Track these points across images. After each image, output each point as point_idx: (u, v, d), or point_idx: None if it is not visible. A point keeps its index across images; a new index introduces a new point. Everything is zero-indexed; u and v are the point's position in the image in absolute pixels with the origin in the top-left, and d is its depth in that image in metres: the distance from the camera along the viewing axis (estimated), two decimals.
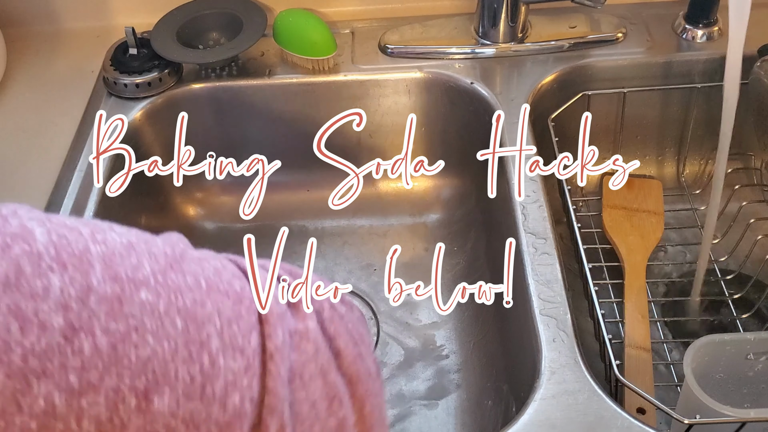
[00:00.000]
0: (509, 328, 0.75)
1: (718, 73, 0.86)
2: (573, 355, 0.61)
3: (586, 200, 0.91)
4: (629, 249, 0.82)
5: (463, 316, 0.83)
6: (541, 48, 0.87)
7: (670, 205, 0.89)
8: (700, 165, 0.93)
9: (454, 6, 0.92)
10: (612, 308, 0.79)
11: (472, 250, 0.88)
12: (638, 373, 0.71)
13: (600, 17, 0.89)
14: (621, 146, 0.91)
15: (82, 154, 0.79)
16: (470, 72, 0.86)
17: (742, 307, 0.79)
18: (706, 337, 0.60)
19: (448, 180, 0.94)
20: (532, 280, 0.66)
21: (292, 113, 0.88)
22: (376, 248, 0.90)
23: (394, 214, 0.93)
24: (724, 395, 0.61)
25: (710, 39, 0.87)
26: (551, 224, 0.70)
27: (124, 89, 0.84)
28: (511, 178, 0.75)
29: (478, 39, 0.88)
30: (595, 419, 0.57)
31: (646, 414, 0.67)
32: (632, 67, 0.86)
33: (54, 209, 0.74)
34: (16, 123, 0.83)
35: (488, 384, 0.77)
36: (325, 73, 0.86)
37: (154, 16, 0.88)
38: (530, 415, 0.58)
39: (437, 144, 0.92)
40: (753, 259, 0.81)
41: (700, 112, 0.88)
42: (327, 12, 0.92)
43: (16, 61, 0.90)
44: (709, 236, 0.74)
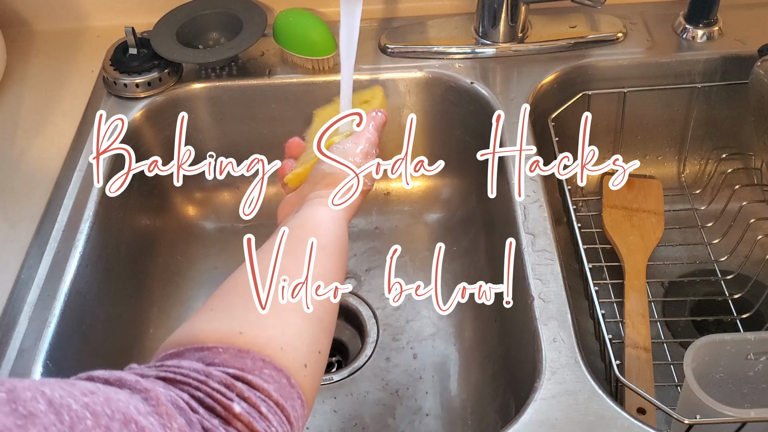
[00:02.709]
0: (509, 328, 0.74)
1: (718, 73, 0.86)
2: (573, 355, 0.61)
3: (586, 200, 0.91)
4: (629, 249, 0.82)
5: (463, 316, 0.83)
6: (541, 48, 0.87)
7: (670, 205, 0.89)
8: (700, 165, 0.93)
9: (454, 6, 0.92)
10: (612, 308, 0.79)
11: (472, 250, 0.88)
12: (638, 373, 0.71)
13: (600, 17, 0.89)
14: (621, 146, 0.91)
15: (82, 154, 0.79)
16: (470, 72, 0.86)
17: (742, 307, 0.79)
18: (706, 337, 0.60)
19: (448, 180, 0.94)
20: (532, 280, 0.66)
21: (292, 113, 0.88)
22: (376, 248, 0.90)
23: (394, 214, 0.93)
24: (724, 395, 0.61)
25: (710, 39, 0.87)
26: (551, 224, 0.70)
27: (124, 89, 0.84)
28: (511, 178, 0.75)
29: (478, 39, 0.88)
30: (595, 419, 0.57)
31: (646, 414, 0.67)
32: (632, 67, 0.86)
33: (54, 209, 0.74)
34: (16, 123, 0.83)
35: (488, 384, 0.77)
36: (325, 73, 0.86)
37: (154, 16, 0.87)
38: (530, 415, 0.58)
39: (437, 144, 0.92)
40: (753, 260, 0.81)
41: (700, 112, 0.88)
42: (327, 12, 0.92)
43: (16, 61, 0.90)
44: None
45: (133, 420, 0.33)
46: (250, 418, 0.39)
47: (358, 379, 0.79)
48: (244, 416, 0.39)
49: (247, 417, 0.39)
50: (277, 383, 0.43)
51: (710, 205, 0.89)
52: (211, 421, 0.38)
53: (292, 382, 0.44)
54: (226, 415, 0.39)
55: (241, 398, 0.40)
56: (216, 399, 0.39)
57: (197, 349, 0.43)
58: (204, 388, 0.39)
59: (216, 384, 0.40)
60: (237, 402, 0.39)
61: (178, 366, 0.41)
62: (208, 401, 0.39)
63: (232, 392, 0.40)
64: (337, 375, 0.80)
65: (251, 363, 0.42)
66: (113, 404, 0.33)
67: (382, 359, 0.81)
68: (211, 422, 0.38)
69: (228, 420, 0.39)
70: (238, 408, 0.39)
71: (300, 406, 0.44)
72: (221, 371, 0.41)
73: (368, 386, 0.79)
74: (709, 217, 0.88)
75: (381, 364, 0.80)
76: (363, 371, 0.80)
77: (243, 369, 0.42)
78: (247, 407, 0.40)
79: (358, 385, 0.79)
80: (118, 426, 0.32)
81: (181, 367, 0.41)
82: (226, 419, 0.39)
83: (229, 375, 0.41)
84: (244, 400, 0.40)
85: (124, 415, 0.33)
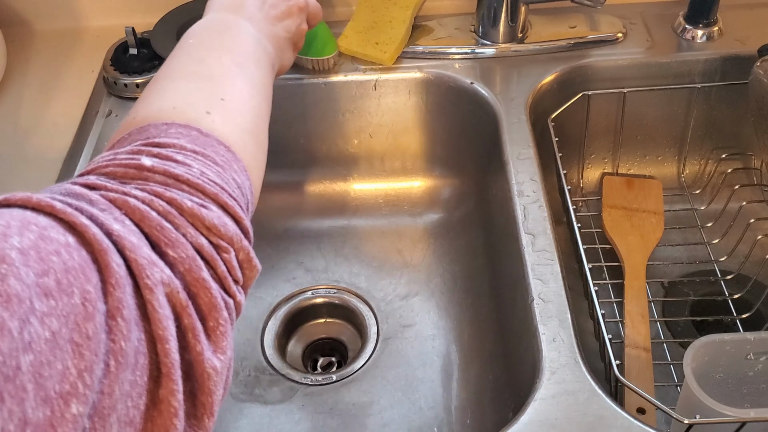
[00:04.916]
0: (509, 328, 0.75)
1: (718, 73, 0.86)
2: (573, 355, 0.61)
3: (586, 200, 0.91)
4: (629, 249, 0.82)
5: (463, 316, 0.83)
6: (541, 48, 0.87)
7: (670, 205, 0.89)
8: (700, 165, 0.93)
9: (454, 6, 0.92)
10: (612, 308, 0.79)
11: (472, 250, 0.88)
12: (638, 373, 0.71)
13: (600, 17, 0.89)
14: (621, 146, 0.91)
15: (82, 154, 0.79)
16: (470, 72, 0.86)
17: (742, 307, 0.79)
18: (706, 337, 0.60)
19: (448, 180, 0.94)
20: (532, 280, 0.66)
21: (292, 113, 0.88)
22: (376, 248, 0.90)
23: (394, 214, 0.93)
24: (724, 395, 0.61)
25: (710, 39, 0.87)
26: (551, 224, 0.70)
27: (124, 89, 0.84)
28: (512, 178, 0.75)
29: (478, 39, 0.88)
30: (595, 419, 0.57)
31: (646, 414, 0.67)
32: (632, 67, 0.86)
33: None
34: (16, 123, 0.83)
35: (488, 384, 0.77)
36: (325, 73, 0.86)
37: (154, 16, 0.87)
38: (530, 415, 0.58)
39: (437, 144, 0.92)
40: (753, 260, 0.81)
41: (700, 112, 0.88)
42: (327, 12, 0.92)
43: (16, 61, 0.90)
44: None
45: (31, 222, 0.31)
46: (165, 166, 0.38)
47: (357, 379, 0.79)
48: (158, 167, 0.38)
49: (161, 167, 0.38)
50: (187, 136, 0.42)
51: (710, 205, 0.90)
52: (120, 188, 0.36)
53: (203, 131, 0.43)
54: (139, 174, 0.37)
55: (151, 156, 0.39)
56: (124, 165, 0.38)
57: (107, 150, 0.42)
58: (110, 164, 0.38)
59: (123, 156, 0.39)
60: (146, 158, 0.38)
61: (86, 167, 0.40)
62: (119, 171, 0.37)
63: (139, 155, 0.39)
64: (337, 375, 0.80)
65: (154, 130, 0.42)
66: (5, 216, 0.31)
67: (382, 359, 0.81)
68: (120, 189, 0.36)
69: (144, 178, 0.37)
70: (149, 162, 0.38)
71: (225, 151, 0.43)
72: (126, 147, 0.40)
73: (368, 386, 0.79)
74: (708, 217, 0.88)
75: (381, 364, 0.80)
76: (363, 371, 0.80)
77: (147, 138, 0.41)
78: (159, 161, 0.38)
79: (358, 384, 0.79)
80: (17, 230, 0.29)
81: (88, 165, 0.39)
82: (140, 178, 0.37)
83: (134, 146, 0.40)
84: (155, 157, 0.39)
85: (21, 220, 0.30)
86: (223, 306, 0.36)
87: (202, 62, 0.50)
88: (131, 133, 0.42)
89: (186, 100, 0.46)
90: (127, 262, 0.33)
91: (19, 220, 0.30)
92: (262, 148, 0.50)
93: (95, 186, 0.36)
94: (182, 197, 0.37)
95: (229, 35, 0.55)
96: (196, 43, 0.53)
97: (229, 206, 0.39)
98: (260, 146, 0.49)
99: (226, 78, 0.50)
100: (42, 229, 0.31)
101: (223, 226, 0.38)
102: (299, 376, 0.80)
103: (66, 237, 0.31)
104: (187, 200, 0.37)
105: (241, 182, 0.42)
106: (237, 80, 0.50)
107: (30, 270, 0.28)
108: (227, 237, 0.38)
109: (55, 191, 0.35)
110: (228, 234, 0.38)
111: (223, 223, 0.38)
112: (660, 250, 0.85)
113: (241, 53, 0.53)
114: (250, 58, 0.53)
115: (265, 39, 0.58)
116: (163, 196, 0.36)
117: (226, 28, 0.55)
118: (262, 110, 0.51)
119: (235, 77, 0.50)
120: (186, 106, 0.45)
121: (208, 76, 0.49)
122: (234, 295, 0.38)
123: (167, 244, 0.35)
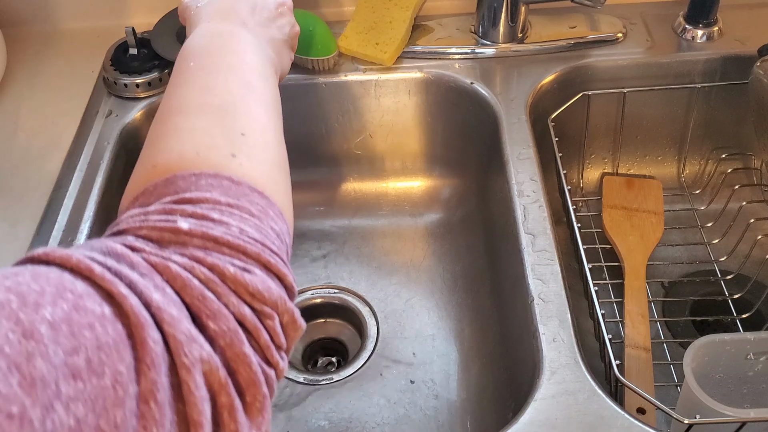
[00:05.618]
0: (509, 328, 0.75)
1: (718, 73, 0.86)
2: (573, 355, 0.61)
3: (586, 200, 0.91)
4: (629, 249, 0.82)
5: (463, 316, 0.83)
6: (541, 48, 0.87)
7: (670, 205, 0.89)
8: (700, 165, 0.93)
9: (454, 6, 0.92)
10: (612, 308, 0.79)
11: (472, 251, 0.88)
12: (638, 373, 0.71)
13: (600, 17, 0.89)
14: (621, 146, 0.91)
15: (82, 154, 0.79)
16: (470, 72, 0.86)
17: (742, 307, 0.79)
18: (706, 337, 0.60)
19: (448, 180, 0.94)
20: (532, 280, 0.66)
21: (292, 113, 0.88)
22: (376, 248, 0.90)
23: (394, 214, 0.93)
24: (724, 395, 0.61)
25: (710, 39, 0.87)
26: (551, 224, 0.70)
27: (124, 89, 0.84)
28: (512, 178, 0.75)
29: (478, 39, 0.88)
30: (595, 419, 0.57)
31: (646, 414, 0.67)
32: (632, 67, 0.86)
33: (54, 209, 0.74)
34: (16, 123, 0.83)
35: (488, 384, 0.77)
36: (325, 73, 0.86)
37: (154, 16, 0.87)
38: (530, 415, 0.58)
39: (437, 144, 0.92)
40: (753, 260, 0.81)
41: (700, 112, 0.88)
42: (327, 12, 0.92)
43: (16, 61, 0.90)
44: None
45: (67, 289, 0.30)
46: (203, 228, 0.36)
47: (357, 379, 0.79)
48: (196, 230, 0.36)
49: (199, 230, 0.36)
50: (218, 188, 0.40)
51: (710, 205, 0.90)
52: (160, 253, 0.35)
53: (234, 179, 0.40)
54: (177, 238, 0.36)
55: (186, 216, 0.37)
56: (160, 228, 0.36)
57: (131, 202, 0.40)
58: (144, 227, 0.36)
59: (156, 218, 0.37)
60: (182, 220, 0.36)
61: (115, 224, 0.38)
62: (155, 234, 0.36)
63: (174, 216, 0.37)
64: (337, 375, 0.80)
65: (183, 183, 0.39)
66: (41, 280, 0.30)
67: (382, 359, 0.81)
68: (160, 254, 0.35)
69: (182, 242, 0.36)
70: (185, 225, 0.36)
71: (260, 198, 0.41)
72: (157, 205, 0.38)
73: (368, 386, 0.79)
74: (708, 217, 0.88)
75: (381, 364, 0.80)
76: (363, 371, 0.80)
77: (177, 192, 0.39)
78: (196, 221, 0.37)
79: (358, 384, 0.79)
80: (50, 298, 0.28)
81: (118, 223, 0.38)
82: (178, 243, 0.36)
83: (166, 204, 0.38)
84: (190, 217, 0.37)
85: (57, 286, 0.29)
86: (263, 381, 0.35)
87: (209, 91, 0.47)
88: (156, 186, 0.40)
89: (207, 142, 0.43)
90: (164, 337, 0.31)
91: (54, 285, 0.29)
92: (287, 176, 0.47)
93: (134, 248, 0.35)
94: (224, 262, 0.35)
95: (228, 50, 0.52)
96: (197, 66, 0.50)
97: (272, 265, 0.38)
98: (286, 174, 0.47)
99: (240, 105, 0.47)
100: (77, 297, 0.30)
101: (267, 291, 0.36)
102: (299, 376, 0.80)
103: (102, 307, 0.30)
104: (229, 265, 0.35)
105: (279, 230, 0.41)
106: (250, 105, 0.48)
107: (59, 348, 0.27)
108: (271, 302, 0.37)
109: (96, 248, 0.34)
110: (272, 299, 0.37)
111: (267, 287, 0.37)
112: (660, 250, 0.85)
113: (246, 69, 0.51)
114: (255, 73, 0.51)
115: (263, 44, 0.56)
116: (205, 261, 0.35)
117: (224, 43, 0.53)
118: (278, 129, 0.50)
119: (247, 101, 0.48)
120: (208, 151, 0.42)
121: (220, 108, 0.46)
122: (276, 365, 0.37)
123: (209, 316, 0.34)
